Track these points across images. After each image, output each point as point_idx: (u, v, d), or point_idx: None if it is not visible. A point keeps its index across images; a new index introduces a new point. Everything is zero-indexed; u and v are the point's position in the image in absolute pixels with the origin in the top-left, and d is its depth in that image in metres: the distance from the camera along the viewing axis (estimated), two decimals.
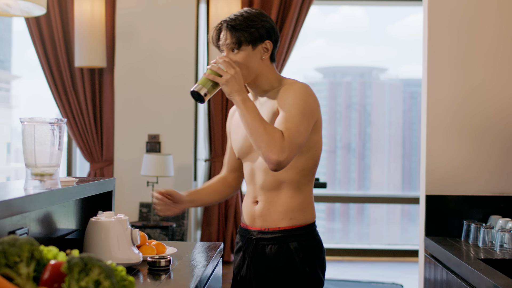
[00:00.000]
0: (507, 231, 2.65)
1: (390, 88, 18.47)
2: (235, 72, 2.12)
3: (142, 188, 5.42)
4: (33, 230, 2.11)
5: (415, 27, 14.06)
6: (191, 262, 2.33)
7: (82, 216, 2.60)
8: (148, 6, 5.57)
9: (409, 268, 6.16)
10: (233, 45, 2.20)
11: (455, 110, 3.05)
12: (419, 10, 9.17)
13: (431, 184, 3.05)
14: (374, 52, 11.83)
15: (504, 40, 3.04)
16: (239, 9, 5.51)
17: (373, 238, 15.50)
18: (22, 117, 2.07)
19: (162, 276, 2.11)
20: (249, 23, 2.20)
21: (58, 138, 2.14)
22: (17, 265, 1.47)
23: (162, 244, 2.39)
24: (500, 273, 2.23)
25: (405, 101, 18.15)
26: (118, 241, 2.13)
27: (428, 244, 2.96)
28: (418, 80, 16.63)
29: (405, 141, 17.49)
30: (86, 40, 5.37)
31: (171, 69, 5.55)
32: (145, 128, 5.55)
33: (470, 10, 3.04)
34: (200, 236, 5.77)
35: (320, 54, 12.12)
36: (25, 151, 2.10)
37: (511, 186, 3.04)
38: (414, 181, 15.95)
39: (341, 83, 18.90)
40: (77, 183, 2.34)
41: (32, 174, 2.11)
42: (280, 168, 2.08)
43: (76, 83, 5.68)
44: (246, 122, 2.10)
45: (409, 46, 12.78)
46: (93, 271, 1.39)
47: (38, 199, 1.91)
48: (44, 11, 3.90)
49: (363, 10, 14.23)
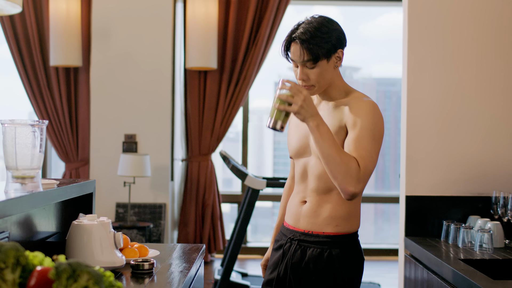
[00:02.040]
0: (486, 231, 2.68)
1: (364, 87, 18.64)
2: (304, 98, 2.05)
3: (119, 188, 5.37)
4: (14, 233, 2.08)
5: (388, 27, 14.23)
6: (174, 264, 2.31)
7: (62, 218, 2.57)
8: (124, 5, 5.52)
9: (385, 267, 6.20)
10: (310, 62, 2.15)
11: (434, 111, 3.07)
12: (392, 10, 9.23)
13: (410, 185, 3.08)
14: (348, 52, 12.04)
15: (482, 42, 3.07)
16: (216, 8, 5.49)
17: None
18: (2, 119, 2.03)
19: (145, 279, 2.09)
20: (323, 37, 2.15)
21: (39, 140, 2.11)
22: (2, 272, 1.44)
23: (145, 247, 2.37)
24: (481, 273, 2.26)
25: (378, 100, 18.34)
26: (101, 244, 2.10)
27: (408, 244, 2.99)
28: (391, 79, 16.70)
29: None
30: (62, 39, 5.31)
31: (147, 69, 5.51)
32: (121, 127, 5.51)
33: (449, 11, 3.07)
34: (177, 236, 5.75)
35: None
36: (6, 154, 2.07)
37: (488, 187, 3.07)
38: (388, 180, 16.07)
39: None
40: (58, 185, 2.32)
41: (13, 177, 2.08)
42: (355, 198, 2.07)
43: (51, 82, 5.61)
44: (321, 149, 2.05)
45: (382, 45, 13.02)
46: (82, 277, 1.37)
47: (20, 203, 1.88)
48: (20, 9, 3.83)
49: (337, 10, 14.45)
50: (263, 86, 6.00)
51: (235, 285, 4.61)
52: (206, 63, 5.42)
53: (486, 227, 2.80)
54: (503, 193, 2.84)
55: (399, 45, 17.88)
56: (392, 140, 17.53)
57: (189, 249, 2.61)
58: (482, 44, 3.07)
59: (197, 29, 5.40)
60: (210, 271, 5.44)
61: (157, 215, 5.42)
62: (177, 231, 5.77)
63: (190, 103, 5.72)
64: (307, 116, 2.05)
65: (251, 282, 4.96)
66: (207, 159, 5.71)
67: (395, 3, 6.61)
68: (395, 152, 16.63)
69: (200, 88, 5.73)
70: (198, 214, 5.69)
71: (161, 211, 5.43)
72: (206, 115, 5.70)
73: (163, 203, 5.45)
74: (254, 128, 6.72)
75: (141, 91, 5.51)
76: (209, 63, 5.43)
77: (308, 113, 2.05)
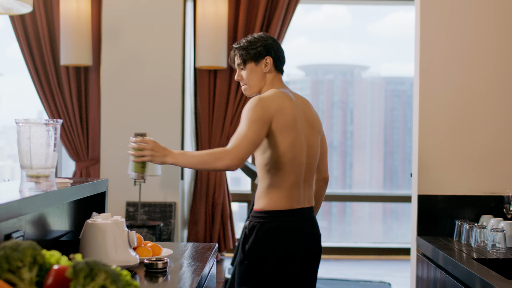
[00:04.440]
0: (499, 231, 2.67)
1: (372, 86, 18.50)
2: (151, 146, 2.50)
3: (129, 187, 5.38)
4: (28, 232, 2.08)
5: (396, 25, 14.22)
6: (187, 264, 2.32)
7: (75, 217, 2.58)
8: (134, 4, 5.52)
9: (395, 266, 6.19)
10: (240, 64, 2.70)
11: (447, 110, 3.06)
12: (401, 9, 9.21)
13: (423, 184, 3.07)
14: (356, 50, 11.93)
15: (495, 41, 3.06)
16: (226, 8, 5.50)
17: (356, 236, 15.53)
18: (17, 119, 2.04)
19: (159, 278, 2.10)
20: (251, 45, 2.66)
21: (54, 140, 2.12)
22: (19, 270, 1.44)
23: (158, 246, 2.37)
24: (495, 273, 2.25)
25: (387, 99, 18.21)
26: (115, 243, 2.11)
27: (420, 244, 2.98)
28: (400, 78, 16.62)
29: (387, 139, 17.54)
30: (72, 38, 5.32)
31: (157, 68, 5.52)
32: (131, 126, 5.51)
33: (461, 9, 3.06)
34: (187, 235, 5.75)
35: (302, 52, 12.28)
36: (20, 153, 2.07)
37: (501, 186, 3.06)
38: (396, 179, 16.00)
39: (323, 81, 18.86)
40: (71, 184, 2.32)
41: (28, 176, 2.08)
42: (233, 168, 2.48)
43: (61, 81, 5.62)
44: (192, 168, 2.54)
45: (390, 44, 12.97)
46: (99, 276, 1.37)
47: (35, 202, 1.88)
48: (31, 9, 3.85)
49: (346, 9, 14.36)
50: None
51: None
52: (216, 62, 5.42)
53: (499, 227, 2.78)
54: None
55: (407, 44, 17.81)
56: (401, 139, 17.44)
57: (202, 248, 2.61)
58: (494, 42, 3.06)
59: (207, 28, 5.40)
60: (220, 270, 5.44)
61: (167, 214, 5.43)
62: (187, 230, 5.78)
63: (200, 102, 5.73)
64: (162, 159, 2.50)
65: None
66: None
67: (404, 2, 6.59)
68: (403, 151, 16.55)
69: (210, 87, 5.73)
70: (208, 213, 5.70)
71: (171, 210, 5.44)
72: (216, 114, 5.71)
73: (173, 202, 5.46)
74: None
75: (151, 90, 5.52)
76: (219, 62, 5.43)
77: (159, 156, 2.50)
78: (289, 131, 2.59)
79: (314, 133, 2.73)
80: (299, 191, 2.64)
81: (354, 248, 6.79)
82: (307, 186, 2.69)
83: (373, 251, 6.71)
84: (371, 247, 6.79)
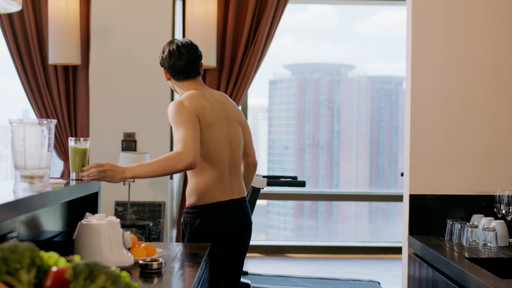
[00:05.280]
0: (491, 230, 2.69)
1: (359, 85, 18.59)
2: (107, 167, 2.68)
3: (118, 187, 5.36)
4: (22, 233, 2.07)
5: (382, 25, 14.26)
6: (182, 264, 2.31)
7: (68, 217, 2.57)
8: (123, 3, 5.50)
9: (383, 265, 6.22)
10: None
11: (439, 110, 3.08)
12: (386, 8, 9.24)
13: (414, 184, 3.08)
14: (343, 50, 11.87)
15: (486, 40, 3.08)
16: (215, 7, 5.49)
17: (343, 235, 15.60)
18: (11, 119, 2.02)
19: (154, 279, 2.09)
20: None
21: (48, 140, 2.11)
22: (18, 272, 1.43)
23: (152, 246, 2.36)
24: (488, 272, 2.26)
25: (373, 98, 18.29)
26: (110, 244, 2.10)
27: (412, 243, 2.99)
28: (386, 77, 16.68)
29: (373, 138, 17.64)
30: (60, 37, 5.29)
31: (146, 67, 5.49)
32: (120, 126, 5.49)
33: (455, 9, 3.07)
34: (176, 234, 5.74)
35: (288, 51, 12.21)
36: (15, 153, 2.06)
37: (492, 186, 3.08)
38: (382, 178, 16.06)
39: (309, 80, 18.92)
40: (65, 184, 2.31)
41: (22, 176, 2.07)
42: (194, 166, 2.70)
43: (49, 80, 5.59)
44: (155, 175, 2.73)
45: (376, 44, 12.97)
46: (99, 278, 1.37)
47: (31, 202, 1.87)
48: (20, 7, 3.81)
49: (332, 8, 14.28)
50: (258, 84, 5.97)
51: None
52: (205, 61, 5.41)
53: (490, 226, 2.80)
54: (507, 192, 2.85)
55: (393, 43, 17.81)
56: (387, 138, 17.47)
57: (196, 248, 2.61)
58: (486, 42, 3.08)
59: (196, 27, 5.39)
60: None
61: (156, 213, 5.41)
62: (176, 230, 5.77)
63: None
64: (121, 175, 2.70)
65: (252, 280, 4.97)
66: None
67: (390, 2, 6.60)
68: (390, 151, 16.60)
69: None
70: None
71: (160, 209, 5.42)
72: None
73: (162, 202, 5.45)
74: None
75: (141, 89, 5.50)
76: (208, 61, 5.42)
77: (119, 173, 2.71)
78: (210, 129, 2.86)
79: (234, 127, 2.98)
80: (225, 184, 2.91)
81: (342, 247, 6.81)
82: (235, 178, 2.95)
83: (361, 250, 6.73)
84: (359, 246, 6.82)
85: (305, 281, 5.11)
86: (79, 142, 2.58)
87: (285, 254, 6.52)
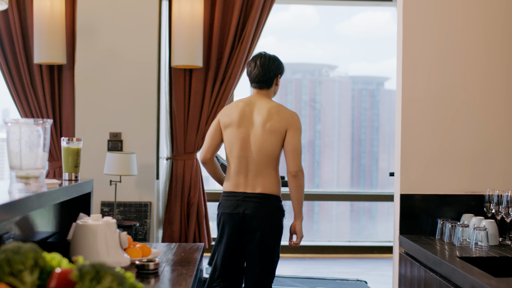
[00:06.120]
0: (482, 229, 2.72)
1: (340, 85, 18.65)
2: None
3: (104, 187, 5.32)
4: (17, 234, 2.05)
5: (363, 26, 14.31)
6: (178, 264, 2.30)
7: (60, 218, 2.55)
8: (109, 2, 5.46)
9: (369, 264, 6.25)
10: None
11: (429, 111, 3.10)
12: (368, 9, 9.29)
13: (405, 184, 3.10)
14: (324, 50, 11.87)
15: (476, 41, 3.11)
16: (201, 7, 5.47)
17: (326, 235, 15.65)
18: (7, 119, 2.00)
19: (151, 279, 2.08)
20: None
21: (43, 140, 2.09)
22: (21, 273, 1.42)
23: (147, 247, 2.35)
24: (482, 271, 2.29)
25: (354, 98, 18.37)
26: (106, 244, 2.09)
27: (403, 242, 3.01)
28: (367, 77, 16.76)
29: (354, 138, 17.72)
30: (46, 36, 5.24)
31: (133, 67, 5.47)
32: (106, 126, 5.46)
33: (446, 10, 3.10)
34: (162, 235, 5.72)
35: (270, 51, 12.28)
36: (10, 153, 2.04)
37: (481, 185, 3.11)
38: (363, 178, 16.11)
39: (291, 80, 18.96)
40: (59, 185, 2.29)
41: (17, 177, 2.05)
42: (202, 162, 3.58)
43: (34, 80, 5.54)
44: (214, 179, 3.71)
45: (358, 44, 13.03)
46: (106, 279, 1.36)
47: (28, 203, 1.85)
48: (6, 6, 3.77)
49: (314, 9, 14.28)
50: (240, 84, 5.94)
51: None
52: (191, 61, 5.40)
53: (481, 225, 2.83)
54: (497, 191, 2.88)
55: (375, 44, 17.86)
56: (368, 138, 17.51)
57: (189, 249, 2.60)
58: (476, 43, 3.11)
59: (183, 27, 5.37)
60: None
61: (143, 214, 5.39)
62: (162, 230, 5.75)
63: (175, 102, 5.70)
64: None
65: None
66: (192, 158, 5.69)
67: (372, 3, 6.60)
68: (371, 150, 16.65)
69: (186, 86, 5.71)
70: (183, 213, 5.67)
71: (146, 209, 5.40)
72: (191, 114, 5.68)
73: (148, 202, 5.42)
74: None
75: (127, 89, 5.47)
76: (195, 61, 5.41)
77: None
78: (226, 130, 3.43)
79: (258, 132, 3.37)
80: (239, 178, 3.38)
81: (327, 246, 6.83)
82: (253, 175, 3.37)
83: (345, 250, 6.76)
84: (344, 245, 6.84)
85: (293, 280, 5.12)
86: (71, 142, 2.56)
87: None
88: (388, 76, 16.29)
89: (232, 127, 3.39)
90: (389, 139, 15.79)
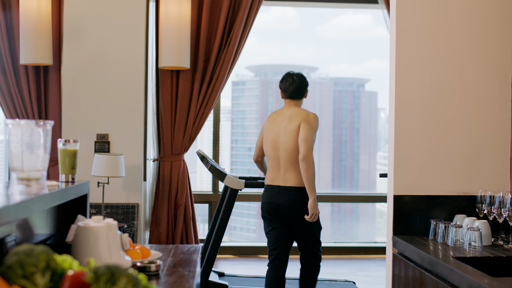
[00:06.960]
0: (476, 230, 2.75)
1: (321, 86, 18.73)
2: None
3: (92, 189, 5.29)
4: (18, 236, 2.04)
5: (344, 28, 14.37)
6: (178, 266, 2.30)
7: (57, 220, 2.53)
8: (96, 3, 5.43)
9: (355, 265, 6.28)
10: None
11: (423, 112, 3.13)
12: (348, 11, 9.34)
13: (398, 185, 3.13)
14: (305, 52, 11.92)
15: (468, 43, 3.15)
16: (189, 8, 5.46)
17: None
18: (8, 120, 1.99)
19: (152, 281, 2.08)
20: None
21: (44, 141, 2.08)
22: (33, 276, 1.42)
23: (147, 248, 2.35)
24: (478, 270, 2.31)
25: (335, 99, 18.47)
26: (108, 246, 2.08)
27: (397, 243, 3.04)
28: (348, 79, 16.85)
29: (335, 140, 17.81)
30: (32, 36, 5.20)
31: (120, 68, 5.44)
32: (93, 127, 5.43)
33: (439, 13, 3.13)
34: (149, 236, 5.70)
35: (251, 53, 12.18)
36: (11, 155, 2.02)
37: (473, 186, 3.15)
38: (344, 179, 16.18)
39: (272, 81, 19.00)
40: (58, 186, 2.28)
41: (18, 179, 2.04)
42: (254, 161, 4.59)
43: (20, 80, 5.49)
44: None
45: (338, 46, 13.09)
46: (121, 281, 1.36)
47: (31, 205, 1.84)
48: None
49: (294, 10, 14.32)
50: (229, 86, 5.96)
51: (215, 285, 4.60)
52: (179, 63, 5.39)
53: (474, 226, 2.87)
54: (489, 192, 2.92)
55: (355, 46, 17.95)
56: (349, 139, 17.58)
57: (187, 250, 2.60)
58: (469, 46, 3.15)
59: (170, 28, 5.36)
60: None
61: (130, 215, 5.37)
62: (149, 232, 5.73)
63: (162, 103, 5.68)
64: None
65: (229, 281, 4.97)
66: (179, 159, 5.68)
67: (352, 5, 6.63)
68: (351, 152, 16.72)
69: (173, 87, 5.70)
70: (170, 214, 5.66)
71: (134, 211, 5.38)
72: (178, 115, 5.67)
73: (136, 203, 5.40)
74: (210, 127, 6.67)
75: (114, 90, 5.44)
76: (182, 63, 5.40)
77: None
78: (263, 134, 4.35)
79: (284, 135, 4.18)
80: (274, 174, 4.23)
81: None
82: (284, 171, 4.18)
83: (332, 250, 6.78)
84: (330, 246, 6.87)
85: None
86: (68, 143, 2.54)
87: (257, 255, 6.54)
88: (369, 77, 16.38)
89: (266, 133, 4.29)
90: (370, 140, 15.89)
